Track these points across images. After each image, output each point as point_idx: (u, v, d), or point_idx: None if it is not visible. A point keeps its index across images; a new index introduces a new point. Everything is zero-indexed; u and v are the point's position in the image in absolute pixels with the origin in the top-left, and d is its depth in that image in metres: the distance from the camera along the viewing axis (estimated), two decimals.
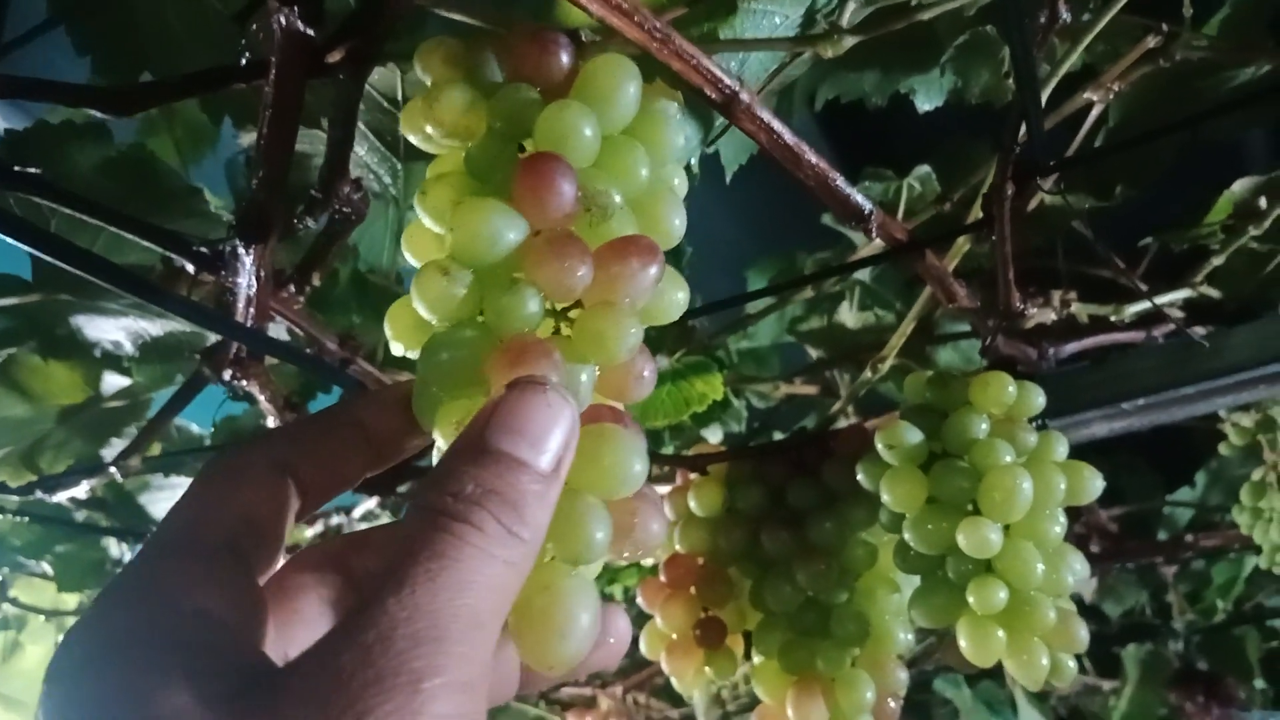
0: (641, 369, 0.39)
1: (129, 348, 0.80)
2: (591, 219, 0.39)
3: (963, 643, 0.58)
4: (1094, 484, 0.60)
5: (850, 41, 0.49)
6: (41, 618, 1.37)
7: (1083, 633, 0.58)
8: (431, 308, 0.37)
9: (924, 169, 0.95)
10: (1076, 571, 0.59)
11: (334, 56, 0.44)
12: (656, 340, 0.90)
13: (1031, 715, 1.62)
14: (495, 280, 0.37)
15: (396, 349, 0.42)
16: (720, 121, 0.62)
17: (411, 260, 0.43)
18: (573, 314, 0.39)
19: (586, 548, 0.35)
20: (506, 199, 0.38)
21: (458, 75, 0.41)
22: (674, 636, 0.71)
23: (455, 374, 0.37)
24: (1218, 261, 0.81)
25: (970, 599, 0.57)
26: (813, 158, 0.51)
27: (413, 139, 0.43)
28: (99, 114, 0.49)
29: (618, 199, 0.40)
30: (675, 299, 0.42)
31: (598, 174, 0.40)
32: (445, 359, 0.37)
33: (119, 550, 1.30)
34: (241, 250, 0.52)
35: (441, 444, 0.37)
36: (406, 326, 0.41)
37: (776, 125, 0.49)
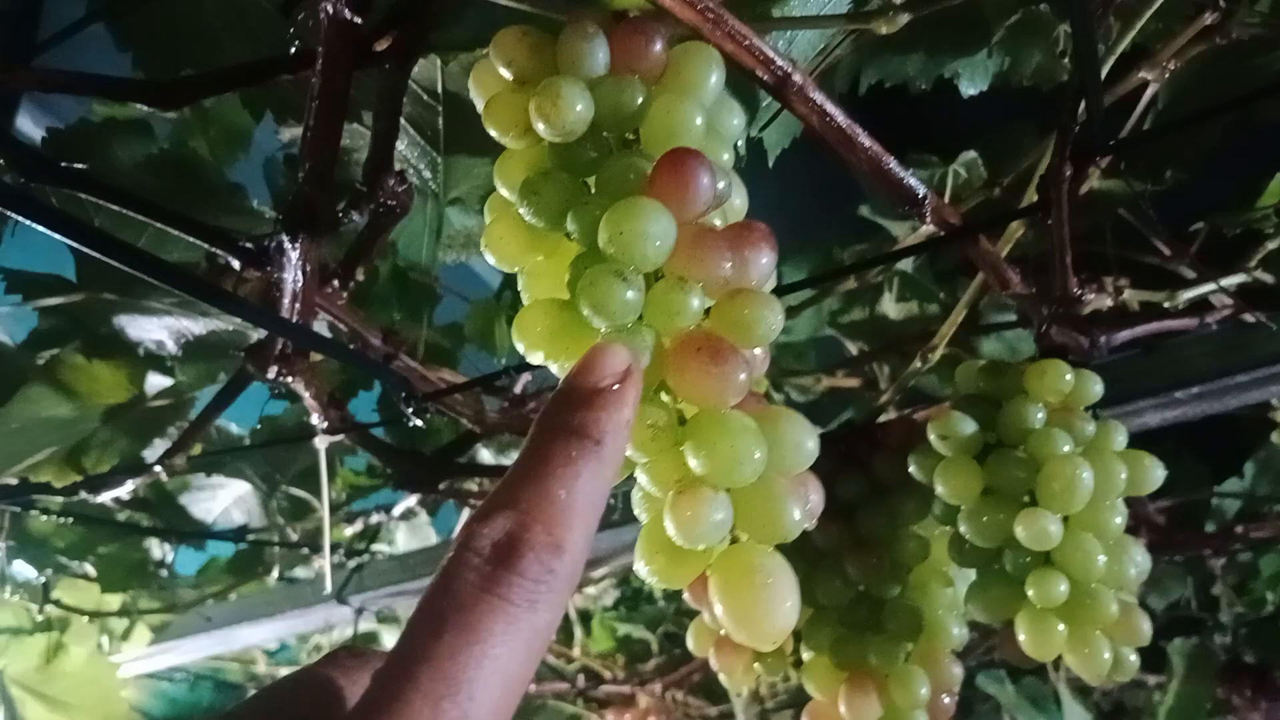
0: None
1: (172, 347, 0.81)
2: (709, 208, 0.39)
3: (1022, 637, 0.57)
4: (1155, 473, 0.59)
5: (905, 18, 0.48)
6: (84, 619, 1.38)
7: (1145, 625, 0.57)
8: (605, 313, 0.35)
9: (969, 154, 0.93)
10: (1138, 563, 0.57)
11: (381, 45, 0.43)
12: None
13: (1076, 711, 1.59)
14: (654, 280, 0.37)
15: (535, 359, 0.39)
16: (764, 106, 0.61)
17: (492, 260, 0.42)
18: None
19: (786, 527, 0.35)
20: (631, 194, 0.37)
21: (547, 68, 0.40)
22: (722, 633, 0.70)
23: None
24: (1272, 246, 0.79)
25: (1030, 592, 0.56)
26: (866, 140, 0.50)
27: (501, 136, 0.41)
28: (143, 109, 0.49)
29: (722, 185, 0.39)
30: (771, 279, 0.42)
31: None
32: None
33: (161, 551, 1.30)
34: (288, 244, 0.52)
35: (629, 452, 0.36)
36: (542, 335, 0.39)
37: (830, 107, 0.48)
